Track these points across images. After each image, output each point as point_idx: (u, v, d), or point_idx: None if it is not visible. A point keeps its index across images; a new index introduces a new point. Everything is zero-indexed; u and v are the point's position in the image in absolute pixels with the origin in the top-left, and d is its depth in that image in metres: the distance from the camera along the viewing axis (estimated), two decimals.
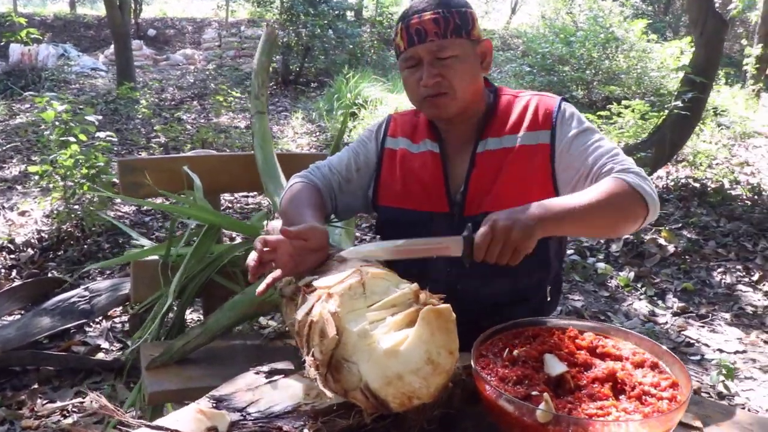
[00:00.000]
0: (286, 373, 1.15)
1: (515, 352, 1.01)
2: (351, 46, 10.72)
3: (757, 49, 9.87)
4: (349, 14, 11.74)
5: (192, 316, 2.84)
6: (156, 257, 1.84)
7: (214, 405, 1.00)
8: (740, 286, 3.69)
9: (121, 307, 2.98)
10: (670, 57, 10.48)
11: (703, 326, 3.24)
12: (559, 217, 1.15)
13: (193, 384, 1.58)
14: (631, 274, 3.75)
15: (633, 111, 7.27)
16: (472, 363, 0.96)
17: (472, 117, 1.44)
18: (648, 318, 3.31)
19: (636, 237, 4.20)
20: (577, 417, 0.85)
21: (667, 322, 3.27)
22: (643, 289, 3.62)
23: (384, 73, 9.97)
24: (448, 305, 0.93)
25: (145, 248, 1.84)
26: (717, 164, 6.29)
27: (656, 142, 5.35)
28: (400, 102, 7.83)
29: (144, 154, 5.47)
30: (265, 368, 1.18)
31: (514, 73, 10.95)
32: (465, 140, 1.45)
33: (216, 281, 1.84)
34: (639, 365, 0.99)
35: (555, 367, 0.95)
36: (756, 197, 5.08)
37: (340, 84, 8.41)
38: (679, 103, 4.84)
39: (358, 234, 4.06)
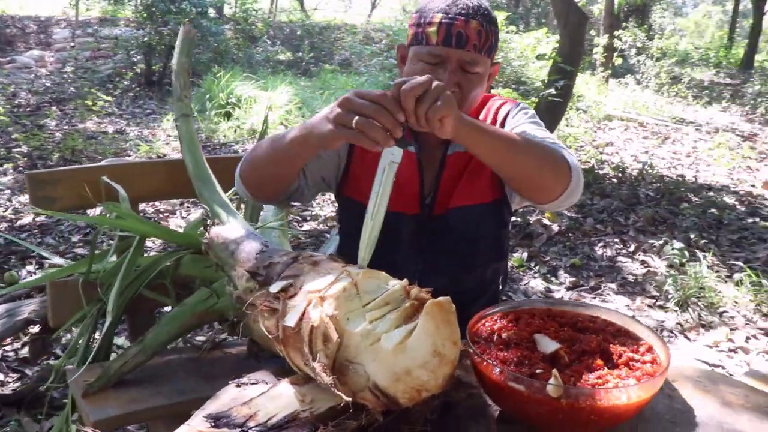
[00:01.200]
0: (269, 382, 1.12)
1: (504, 335, 1.05)
2: (216, 44, 10.41)
3: (603, 39, 10.73)
4: (212, 12, 11.40)
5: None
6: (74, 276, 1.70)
7: (213, 424, 0.95)
8: (620, 258, 4.02)
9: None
10: (527, 47, 11.16)
11: (595, 297, 3.50)
12: (483, 129, 1.16)
13: (138, 406, 1.48)
14: (524, 255, 3.97)
15: None
16: (472, 350, 0.98)
17: None
18: (545, 294, 3.52)
19: (523, 219, 4.44)
20: (584, 387, 0.90)
21: (563, 297, 3.50)
22: (537, 267, 3.84)
23: (253, 70, 9.78)
24: (447, 297, 0.94)
25: (63, 267, 1.70)
26: (582, 147, 6.79)
27: None
28: (274, 100, 7.72)
29: (8, 166, 4.99)
30: (244, 379, 1.14)
31: (382, 66, 11.12)
32: (438, 142, 1.45)
33: (143, 296, 1.74)
34: (616, 335, 1.07)
35: (548, 345, 1.00)
36: (620, 175, 5.55)
37: (210, 83, 8.15)
38: (552, 90, 5.16)
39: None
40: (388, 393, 0.92)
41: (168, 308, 1.95)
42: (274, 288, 1.14)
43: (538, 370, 0.94)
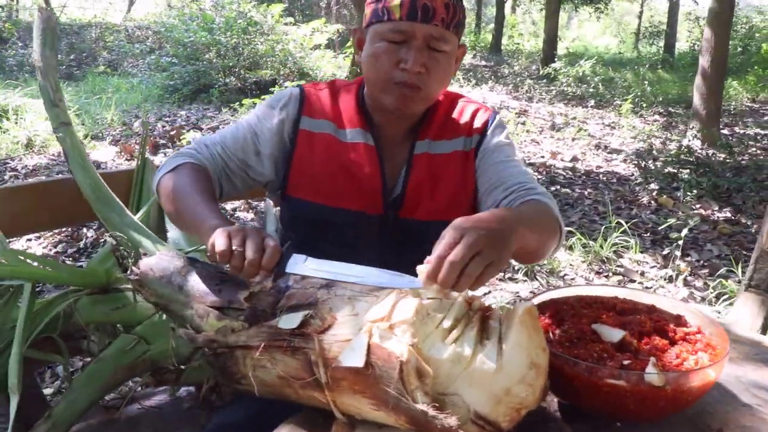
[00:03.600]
0: None
1: (558, 332, 0.99)
2: None
3: None
4: None
5: None
6: None
7: None
8: None
9: None
10: (302, 38, 11.22)
11: None
12: (526, 225, 0.99)
13: None
14: None
15: None
16: (555, 353, 0.91)
17: (413, 115, 1.31)
18: None
19: None
20: (683, 371, 0.88)
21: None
22: None
23: (7, 76, 8.53)
24: (532, 301, 0.86)
25: None
26: None
27: None
28: (40, 112, 6.82)
29: None
30: None
31: (157, 64, 10.42)
32: (399, 136, 1.32)
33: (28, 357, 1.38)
34: (649, 312, 1.06)
35: (612, 333, 0.97)
36: None
37: None
38: None
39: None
40: (490, 419, 0.82)
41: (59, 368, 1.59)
42: (288, 323, 0.96)
43: (625, 362, 0.90)
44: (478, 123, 1.36)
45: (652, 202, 4.87)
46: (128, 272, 1.23)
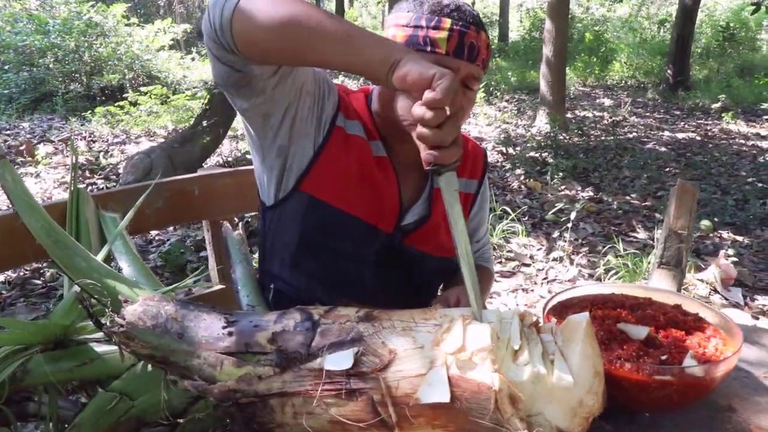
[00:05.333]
0: None
1: None
2: None
3: None
4: None
5: None
6: None
7: None
8: None
9: None
10: (147, 39, 10.65)
11: None
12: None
13: None
14: None
15: (152, 96, 7.21)
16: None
17: None
18: None
19: None
20: (718, 360, 0.96)
21: None
22: None
23: None
24: (585, 312, 0.89)
25: None
26: None
27: (212, 126, 5.49)
28: None
29: None
30: None
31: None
32: (412, 163, 1.27)
33: None
34: (650, 304, 1.15)
35: (638, 331, 1.03)
36: None
37: None
38: None
39: None
40: None
41: None
42: (339, 364, 0.92)
43: (663, 357, 0.96)
44: (476, 166, 1.42)
45: (522, 186, 5.19)
46: (110, 324, 1.11)
